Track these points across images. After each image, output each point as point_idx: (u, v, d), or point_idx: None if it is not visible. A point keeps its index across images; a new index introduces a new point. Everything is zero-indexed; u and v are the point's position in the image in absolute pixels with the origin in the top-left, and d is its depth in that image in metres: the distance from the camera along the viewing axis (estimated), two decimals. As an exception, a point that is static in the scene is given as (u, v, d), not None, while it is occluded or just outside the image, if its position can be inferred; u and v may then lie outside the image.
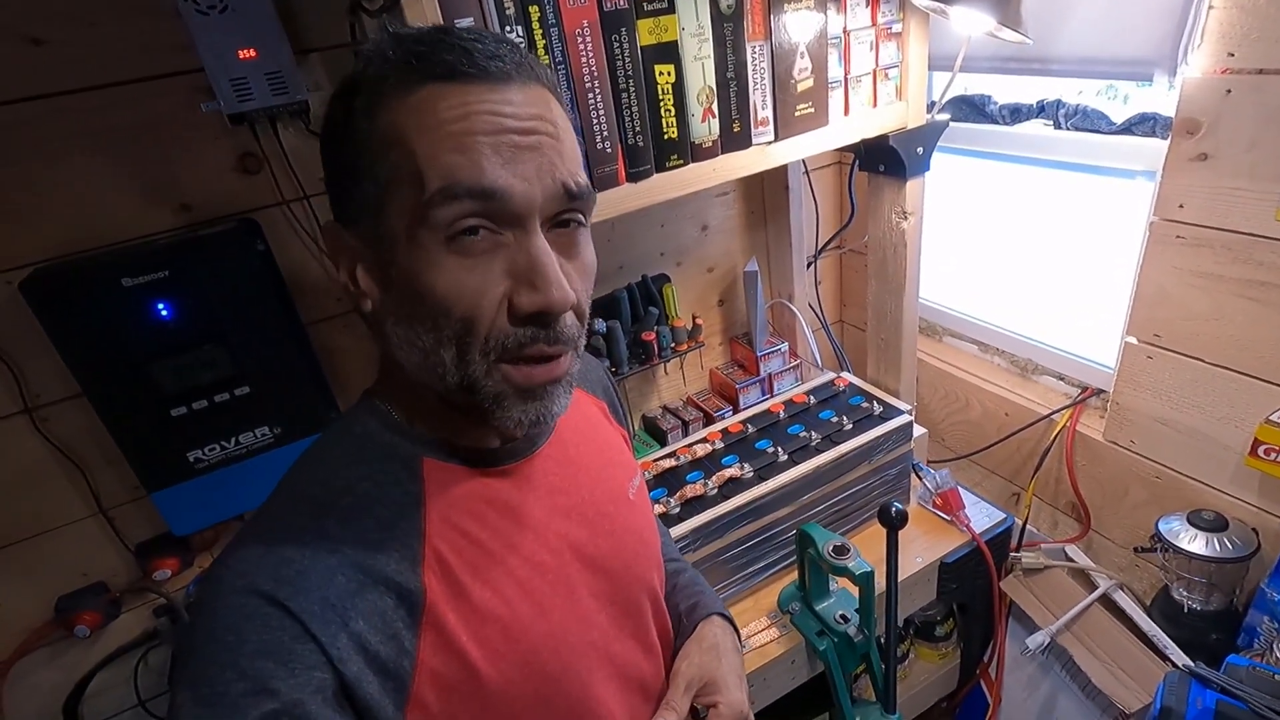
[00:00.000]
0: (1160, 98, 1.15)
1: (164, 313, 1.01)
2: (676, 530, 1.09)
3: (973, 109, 1.37)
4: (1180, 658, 1.11)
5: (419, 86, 0.47)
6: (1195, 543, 1.05)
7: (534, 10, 0.80)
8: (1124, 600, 1.24)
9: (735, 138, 0.98)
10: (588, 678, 0.60)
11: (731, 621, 0.79)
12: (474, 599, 0.53)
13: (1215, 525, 1.06)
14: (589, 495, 0.64)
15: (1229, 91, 0.94)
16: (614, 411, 0.78)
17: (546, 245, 0.49)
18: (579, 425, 0.68)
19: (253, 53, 0.98)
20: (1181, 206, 1.03)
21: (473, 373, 0.50)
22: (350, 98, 0.50)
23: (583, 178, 0.51)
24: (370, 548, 0.51)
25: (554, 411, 0.53)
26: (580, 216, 0.52)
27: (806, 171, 1.50)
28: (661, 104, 0.91)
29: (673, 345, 1.42)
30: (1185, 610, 1.12)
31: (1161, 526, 1.10)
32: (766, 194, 1.54)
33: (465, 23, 0.76)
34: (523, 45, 0.66)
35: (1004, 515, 1.34)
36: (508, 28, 0.79)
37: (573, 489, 0.63)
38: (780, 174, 1.47)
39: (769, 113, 1.00)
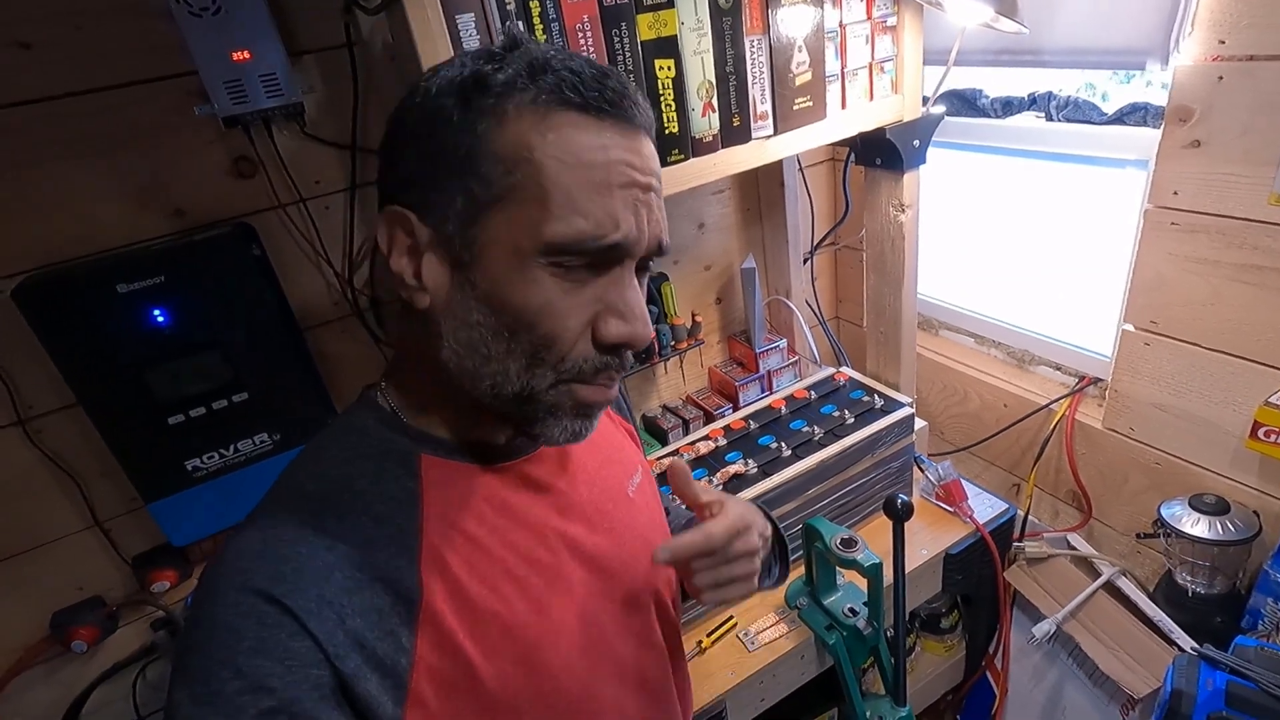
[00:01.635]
0: (1140, 93, 1.16)
1: (159, 319, 0.99)
2: (683, 527, 1.09)
3: (964, 103, 1.37)
4: (1186, 641, 1.12)
5: (558, 111, 0.47)
6: (1197, 527, 1.06)
7: (535, 6, 0.80)
8: (1128, 586, 1.25)
9: (735, 132, 0.98)
10: (587, 675, 0.60)
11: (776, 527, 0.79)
12: (471, 596, 0.53)
13: (1217, 509, 1.07)
14: (586, 493, 0.64)
15: (1221, 78, 0.95)
16: (618, 408, 0.78)
17: (637, 284, 0.52)
18: None
19: (246, 55, 0.97)
20: (1176, 193, 1.04)
21: (536, 385, 0.51)
22: (473, 94, 0.48)
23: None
24: (367, 545, 0.50)
25: (594, 428, 0.55)
26: (654, 265, 0.55)
27: (801, 168, 1.50)
28: (662, 99, 0.91)
29: (672, 343, 1.42)
30: (1189, 594, 1.13)
31: (1163, 511, 1.11)
32: (762, 191, 1.54)
33: (467, 18, 0.76)
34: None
35: (1006, 505, 1.34)
36: (508, 22, 0.79)
37: (569, 487, 0.63)
38: (776, 171, 1.47)
39: (768, 107, 1.00)
